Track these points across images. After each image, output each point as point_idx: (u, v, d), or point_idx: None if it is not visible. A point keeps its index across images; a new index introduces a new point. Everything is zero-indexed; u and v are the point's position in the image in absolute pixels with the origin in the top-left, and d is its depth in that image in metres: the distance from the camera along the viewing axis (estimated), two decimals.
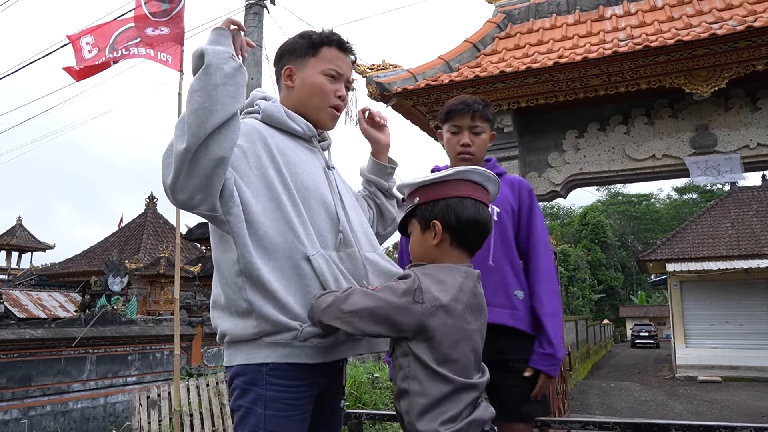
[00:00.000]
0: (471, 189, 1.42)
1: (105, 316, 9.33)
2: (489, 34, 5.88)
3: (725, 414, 10.84)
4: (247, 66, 6.92)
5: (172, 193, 1.34)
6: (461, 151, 2.03)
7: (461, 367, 1.29)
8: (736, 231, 18.12)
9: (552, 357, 1.88)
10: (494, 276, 1.90)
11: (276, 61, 1.69)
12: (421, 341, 1.28)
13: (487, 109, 2.06)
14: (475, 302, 1.35)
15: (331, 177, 1.61)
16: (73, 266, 22.05)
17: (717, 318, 17.40)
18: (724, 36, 4.23)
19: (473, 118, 2.02)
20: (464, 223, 1.38)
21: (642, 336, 32.00)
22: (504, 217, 1.99)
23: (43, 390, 8.06)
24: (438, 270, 1.34)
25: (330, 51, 1.61)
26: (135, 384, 9.23)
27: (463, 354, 1.29)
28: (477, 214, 1.39)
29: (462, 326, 1.29)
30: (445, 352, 1.27)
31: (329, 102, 1.61)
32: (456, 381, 1.26)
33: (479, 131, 2.04)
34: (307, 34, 1.63)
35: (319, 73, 1.59)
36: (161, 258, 17.45)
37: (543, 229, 2.06)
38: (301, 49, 1.61)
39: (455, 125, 2.05)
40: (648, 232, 51.21)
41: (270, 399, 1.38)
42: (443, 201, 1.40)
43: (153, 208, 24.08)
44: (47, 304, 17.52)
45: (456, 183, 1.41)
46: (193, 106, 1.29)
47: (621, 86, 4.72)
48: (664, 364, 21.21)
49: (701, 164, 4.80)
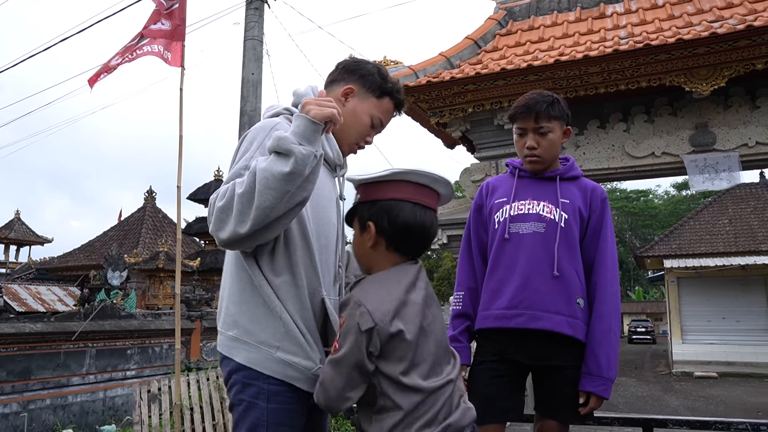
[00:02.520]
0: (411, 191, 1.34)
1: (104, 310, 9.34)
2: (490, 30, 5.89)
3: (721, 409, 10.92)
4: (248, 61, 6.93)
5: (223, 244, 1.39)
6: (527, 154, 1.96)
7: (430, 366, 1.25)
8: (733, 228, 18.17)
9: (604, 379, 1.84)
10: (559, 285, 1.85)
11: (344, 70, 1.67)
12: (384, 357, 1.23)
13: (553, 107, 1.93)
14: (424, 294, 1.30)
15: (340, 209, 1.64)
16: (71, 260, 22.03)
17: (714, 314, 17.47)
18: (725, 35, 4.25)
19: (537, 120, 1.92)
20: (399, 228, 1.31)
21: (639, 332, 32.18)
22: (572, 222, 1.91)
23: (43, 384, 8.09)
24: (378, 282, 1.30)
25: (390, 104, 1.66)
26: (134, 378, 9.26)
27: (428, 352, 1.25)
28: (414, 219, 1.32)
29: (421, 325, 1.25)
30: (410, 360, 1.23)
31: (359, 141, 1.66)
32: (426, 388, 1.22)
33: (545, 131, 1.93)
34: (385, 75, 1.66)
35: (368, 115, 1.63)
36: (160, 252, 17.44)
37: (613, 242, 1.96)
38: (372, 84, 1.63)
39: (519, 127, 1.98)
40: (646, 228, 51.27)
41: (273, 392, 1.41)
42: (380, 202, 1.34)
43: (152, 202, 24.05)
44: (46, 298, 17.52)
45: (396, 184, 1.34)
46: (264, 202, 1.28)
47: (621, 84, 4.74)
48: (660, 359, 21.30)
49: (700, 162, 4.83)
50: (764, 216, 18.05)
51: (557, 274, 1.84)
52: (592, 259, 1.93)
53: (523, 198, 1.97)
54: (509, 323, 1.86)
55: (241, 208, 1.29)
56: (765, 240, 16.87)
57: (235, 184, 1.33)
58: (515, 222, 1.94)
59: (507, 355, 1.88)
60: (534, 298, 1.85)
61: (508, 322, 1.86)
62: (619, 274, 8.25)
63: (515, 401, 1.93)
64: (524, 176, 2.03)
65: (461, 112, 5.30)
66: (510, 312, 1.87)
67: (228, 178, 1.42)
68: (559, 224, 1.89)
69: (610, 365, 1.86)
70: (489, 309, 1.93)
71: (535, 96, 1.95)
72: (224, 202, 1.33)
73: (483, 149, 5.41)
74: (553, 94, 1.97)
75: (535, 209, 1.93)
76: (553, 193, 1.95)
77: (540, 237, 1.89)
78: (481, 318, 1.96)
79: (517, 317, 1.85)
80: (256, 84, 6.91)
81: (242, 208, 1.29)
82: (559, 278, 1.85)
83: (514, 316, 1.86)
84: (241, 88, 6.91)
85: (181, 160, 5.48)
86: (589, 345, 1.87)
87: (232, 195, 1.32)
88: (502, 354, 1.91)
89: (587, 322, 1.89)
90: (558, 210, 1.91)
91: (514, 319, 1.86)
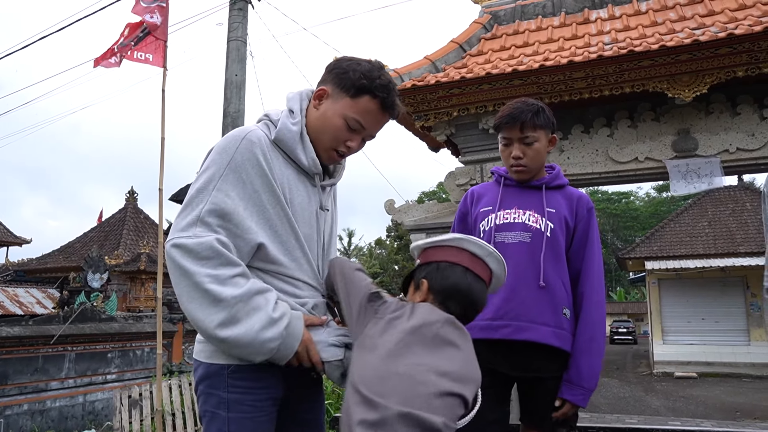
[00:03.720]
0: (467, 259, 1.40)
1: (84, 312, 9.19)
2: (475, 34, 5.90)
3: (701, 410, 11.08)
4: (232, 62, 6.86)
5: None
6: (513, 164, 1.95)
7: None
8: (712, 230, 18.47)
9: (584, 389, 1.84)
10: (545, 295, 1.84)
11: (326, 70, 1.59)
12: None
13: (538, 116, 1.91)
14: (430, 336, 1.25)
15: (320, 221, 1.59)
16: (50, 261, 21.68)
17: (694, 315, 17.75)
18: (707, 42, 4.30)
19: (523, 129, 1.90)
20: (448, 288, 1.36)
21: (620, 332, 32.60)
22: (558, 232, 1.90)
23: (20, 389, 7.94)
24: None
25: (369, 103, 1.50)
26: (115, 382, 9.13)
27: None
28: (464, 282, 1.37)
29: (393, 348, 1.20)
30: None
31: (335, 146, 1.54)
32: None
33: (531, 141, 1.91)
34: (363, 70, 1.51)
35: (341, 116, 1.50)
36: (142, 254, 17.24)
37: (599, 252, 1.95)
38: (346, 83, 1.50)
39: (505, 137, 1.96)
40: (627, 230, 51.94)
41: (232, 401, 1.39)
42: (435, 263, 1.41)
43: (133, 203, 23.76)
44: (24, 300, 17.19)
45: (453, 249, 1.41)
46: (239, 351, 1.36)
47: (605, 89, 4.77)
48: (641, 360, 21.57)
49: (682, 168, 4.88)
50: (742, 218, 18.38)
51: (543, 285, 1.83)
52: (579, 268, 1.92)
53: (509, 207, 1.95)
54: (495, 334, 1.85)
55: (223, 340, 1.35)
56: (743, 242, 17.17)
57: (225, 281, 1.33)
58: (501, 231, 1.92)
59: (492, 366, 1.85)
60: (520, 308, 1.84)
61: (493, 333, 1.85)
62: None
63: (500, 413, 1.92)
64: (510, 185, 2.02)
65: (446, 116, 5.29)
66: (496, 323, 1.85)
67: (187, 199, 1.42)
68: (545, 234, 1.88)
69: (592, 375, 1.85)
70: (474, 320, 1.92)
71: (520, 105, 1.92)
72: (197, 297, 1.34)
73: (468, 153, 5.41)
74: (538, 102, 1.95)
75: (520, 218, 1.92)
76: (539, 202, 1.94)
77: (526, 247, 1.88)
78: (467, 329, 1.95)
79: (503, 328, 1.84)
80: (240, 85, 6.85)
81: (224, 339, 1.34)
82: (545, 288, 1.83)
83: (500, 327, 1.85)
84: (225, 90, 6.84)
85: (163, 162, 5.40)
86: (572, 354, 1.86)
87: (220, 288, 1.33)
88: (488, 365, 1.90)
89: (573, 332, 1.88)
90: (544, 219, 1.90)
91: (500, 330, 1.85)
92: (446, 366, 1.18)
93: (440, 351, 1.20)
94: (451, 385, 1.15)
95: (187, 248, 1.33)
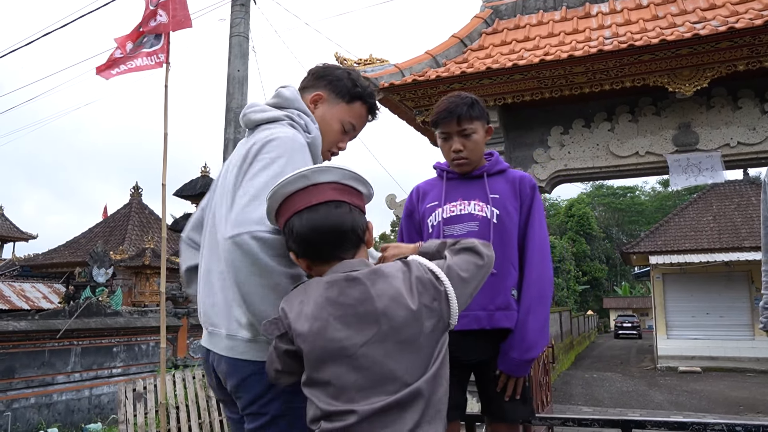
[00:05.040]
0: (298, 202, 1.26)
1: (89, 307, 9.27)
2: (476, 29, 5.90)
3: (704, 404, 11.08)
4: (234, 58, 6.88)
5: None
6: (455, 158, 1.98)
7: (334, 391, 1.13)
8: (717, 224, 18.40)
9: (515, 358, 1.84)
10: (496, 281, 1.85)
11: (313, 76, 1.67)
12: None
13: (473, 108, 1.95)
14: (352, 312, 1.15)
15: None
16: (56, 257, 21.81)
17: (698, 309, 17.71)
18: (707, 36, 4.30)
19: (459, 122, 1.93)
20: (300, 242, 1.24)
21: (625, 327, 32.49)
22: (504, 217, 1.93)
23: (27, 382, 8.02)
24: (297, 291, 1.25)
25: (361, 108, 1.66)
26: (120, 376, 9.21)
27: (335, 375, 1.13)
28: (301, 226, 1.23)
29: (325, 345, 1.13)
30: (308, 374, 1.16)
31: (330, 148, 1.66)
32: (314, 404, 1.15)
33: (469, 133, 1.95)
34: (355, 79, 1.66)
35: (339, 121, 1.64)
36: (146, 249, 17.33)
37: (540, 225, 1.97)
38: (341, 89, 1.63)
39: (443, 132, 1.99)
40: (632, 224, 51.76)
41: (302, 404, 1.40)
42: (284, 233, 1.29)
43: (138, 199, 23.86)
44: (30, 295, 17.33)
45: (281, 208, 1.28)
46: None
47: (606, 84, 4.78)
48: (646, 354, 21.56)
49: (683, 162, 4.88)
50: (747, 213, 18.30)
51: (494, 272, 1.88)
52: (524, 251, 1.97)
53: (454, 199, 1.99)
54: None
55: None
56: (748, 236, 17.10)
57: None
58: (449, 224, 1.95)
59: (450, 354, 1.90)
60: (473, 299, 1.87)
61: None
62: (606, 270, 8.23)
63: (461, 399, 1.96)
64: (452, 178, 2.05)
65: None
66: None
67: (254, 192, 1.37)
68: (491, 221, 1.92)
69: (525, 345, 1.84)
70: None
71: (455, 99, 1.96)
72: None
73: None
74: (470, 95, 2.00)
75: (466, 209, 1.95)
76: (482, 190, 1.97)
77: (474, 236, 1.90)
78: None
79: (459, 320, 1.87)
80: (242, 81, 6.88)
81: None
82: (496, 275, 1.84)
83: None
84: (227, 85, 6.87)
85: (166, 158, 5.44)
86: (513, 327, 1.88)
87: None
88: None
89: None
90: (489, 207, 1.93)
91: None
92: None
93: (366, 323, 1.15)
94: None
95: (268, 243, 1.31)
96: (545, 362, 5.88)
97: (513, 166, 5.39)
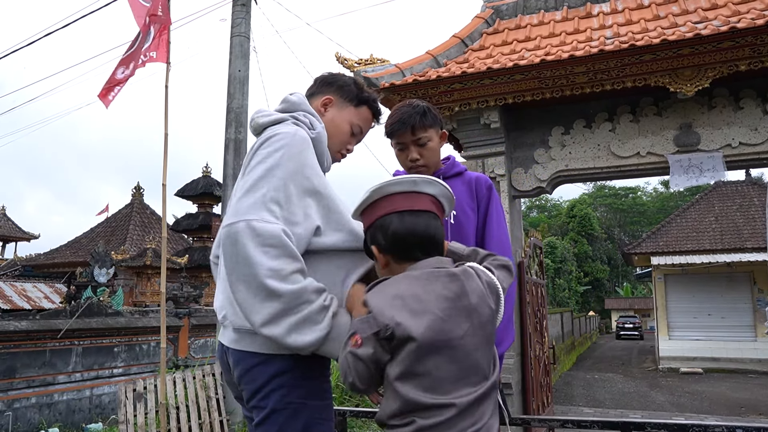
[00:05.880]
0: (399, 202, 1.33)
1: (91, 307, 9.28)
2: (477, 29, 5.89)
3: (705, 405, 11.05)
4: (235, 58, 6.88)
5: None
6: (411, 166, 1.99)
7: (430, 382, 1.15)
8: (719, 225, 18.36)
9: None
10: None
11: (322, 83, 1.77)
12: (391, 360, 1.20)
13: (426, 117, 1.96)
14: (454, 306, 1.20)
15: None
16: (58, 257, 21.85)
17: (700, 310, 17.67)
18: (709, 36, 4.28)
19: (414, 132, 1.95)
20: (392, 240, 1.31)
21: (627, 327, 32.40)
22: (461, 219, 1.95)
23: (28, 382, 8.03)
24: (385, 287, 1.25)
25: (368, 112, 1.77)
26: (121, 376, 9.22)
27: (435, 366, 1.15)
28: (402, 227, 1.30)
29: (434, 337, 1.16)
30: (406, 367, 1.16)
31: (340, 149, 1.74)
32: (406, 398, 1.14)
33: (424, 141, 1.96)
34: (360, 85, 1.78)
35: (348, 123, 1.73)
36: (148, 249, 17.33)
37: (499, 223, 1.99)
38: (349, 94, 1.74)
39: (399, 143, 1.99)
40: (634, 225, 51.71)
41: (324, 389, 1.46)
42: (372, 226, 1.35)
43: (139, 199, 23.88)
44: (32, 295, 17.36)
45: (379, 203, 1.35)
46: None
47: (607, 84, 4.76)
48: (647, 355, 21.52)
49: (684, 162, 4.86)
50: (749, 213, 18.26)
51: None
52: (483, 244, 2.00)
53: None
54: None
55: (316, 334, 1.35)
56: (750, 237, 17.06)
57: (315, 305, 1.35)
58: None
59: None
60: None
61: None
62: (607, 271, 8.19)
63: None
64: None
65: (448, 111, 5.30)
66: None
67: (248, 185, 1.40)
68: (449, 222, 1.95)
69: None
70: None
71: (407, 109, 1.97)
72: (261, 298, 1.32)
73: (469, 148, 5.41)
74: (422, 102, 2.00)
75: None
76: None
77: None
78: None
79: None
80: (243, 81, 6.87)
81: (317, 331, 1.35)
82: None
83: None
84: (228, 85, 6.86)
85: (166, 158, 5.44)
86: None
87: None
88: None
89: None
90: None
91: None
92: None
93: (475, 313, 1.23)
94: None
95: (257, 231, 1.32)
96: (546, 363, 5.87)
97: (514, 167, 5.41)
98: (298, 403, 1.39)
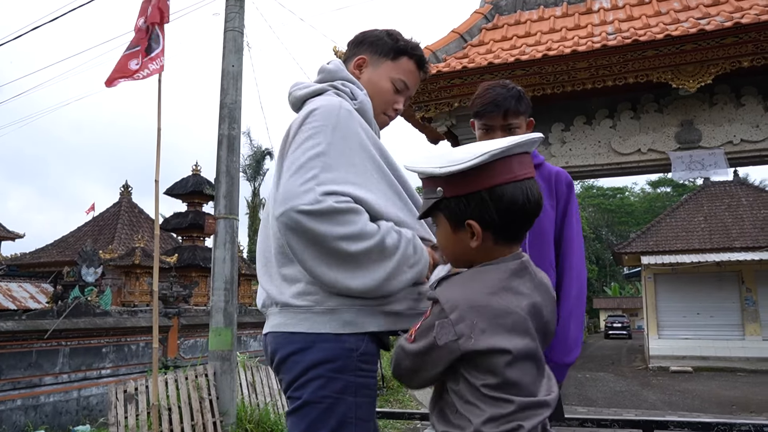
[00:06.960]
0: (513, 168, 1.07)
1: (78, 307, 9.09)
2: (476, 25, 5.83)
3: (697, 404, 11.09)
4: (229, 53, 6.75)
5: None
6: None
7: (528, 381, 1.05)
8: (708, 225, 18.51)
9: (561, 366, 1.77)
10: None
11: (353, 44, 1.64)
12: (470, 367, 1.04)
13: (521, 102, 1.81)
14: (531, 303, 1.08)
15: None
16: (44, 256, 21.50)
17: (689, 310, 17.80)
18: (712, 32, 4.25)
19: (506, 117, 1.80)
20: (511, 215, 1.08)
21: (615, 327, 32.67)
22: (540, 217, 1.86)
23: (14, 384, 7.84)
24: (481, 279, 1.07)
25: (408, 63, 1.59)
26: (110, 377, 9.04)
27: (523, 373, 1.04)
28: (524, 199, 1.08)
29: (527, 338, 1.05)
30: (495, 377, 1.02)
31: (385, 110, 1.59)
32: (516, 400, 1.02)
33: (514, 128, 1.80)
34: (395, 35, 1.60)
35: (388, 79, 1.57)
36: (136, 248, 17.09)
37: (578, 223, 1.87)
38: (383, 48, 1.58)
39: (486, 124, 1.84)
40: (622, 225, 52.05)
41: (360, 385, 1.32)
42: (478, 194, 1.06)
43: (128, 197, 23.57)
44: (17, 295, 17.04)
45: (495, 165, 1.06)
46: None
47: (608, 80, 4.72)
48: (637, 354, 21.64)
49: (686, 159, 4.83)
50: (738, 213, 18.43)
51: None
52: (558, 254, 1.88)
53: None
54: None
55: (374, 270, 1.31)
56: (738, 237, 17.22)
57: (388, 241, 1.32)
58: None
59: None
60: None
61: None
62: (596, 270, 8.20)
63: None
64: None
65: (447, 107, 5.23)
66: None
67: (297, 164, 1.31)
68: (538, 187, 1.84)
69: (566, 349, 1.76)
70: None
71: (502, 91, 1.82)
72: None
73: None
74: (516, 85, 1.88)
75: None
76: None
77: None
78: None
79: None
80: (237, 76, 6.75)
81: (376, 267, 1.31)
82: None
83: None
84: (221, 80, 6.74)
85: (159, 154, 5.31)
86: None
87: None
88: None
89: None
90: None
91: None
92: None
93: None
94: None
95: (313, 213, 1.25)
96: None
97: None
98: (333, 398, 1.28)
